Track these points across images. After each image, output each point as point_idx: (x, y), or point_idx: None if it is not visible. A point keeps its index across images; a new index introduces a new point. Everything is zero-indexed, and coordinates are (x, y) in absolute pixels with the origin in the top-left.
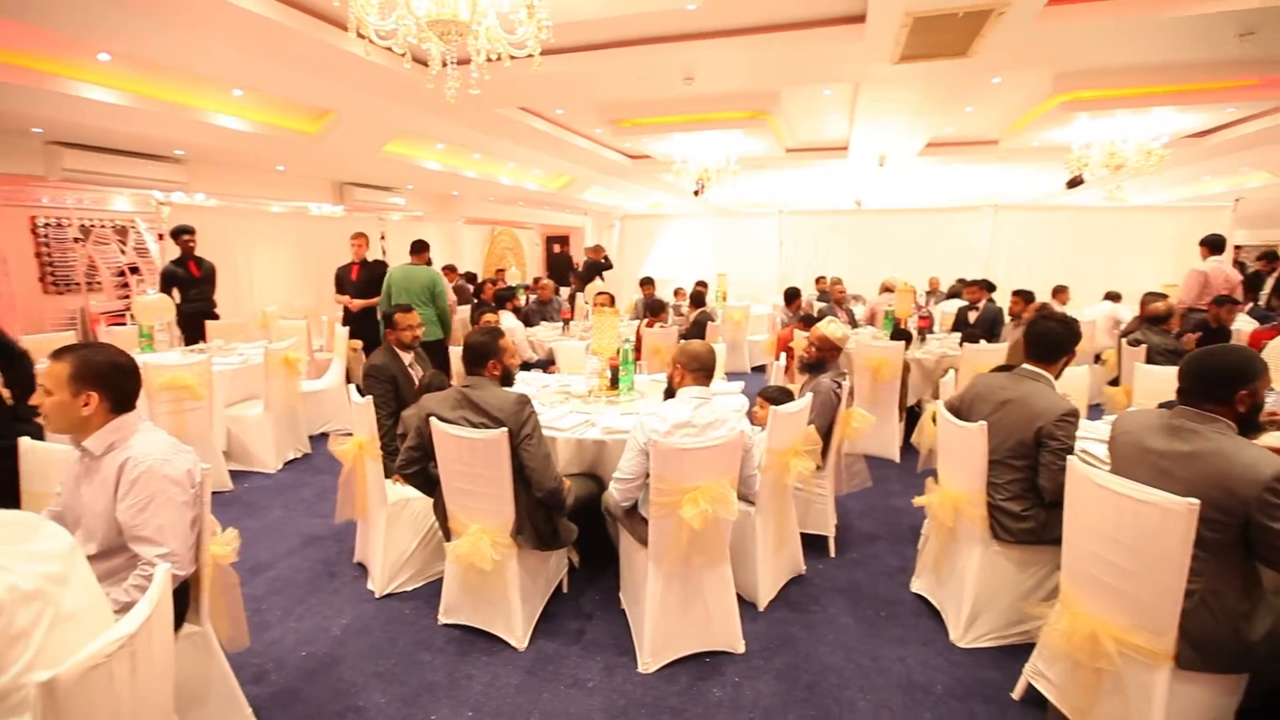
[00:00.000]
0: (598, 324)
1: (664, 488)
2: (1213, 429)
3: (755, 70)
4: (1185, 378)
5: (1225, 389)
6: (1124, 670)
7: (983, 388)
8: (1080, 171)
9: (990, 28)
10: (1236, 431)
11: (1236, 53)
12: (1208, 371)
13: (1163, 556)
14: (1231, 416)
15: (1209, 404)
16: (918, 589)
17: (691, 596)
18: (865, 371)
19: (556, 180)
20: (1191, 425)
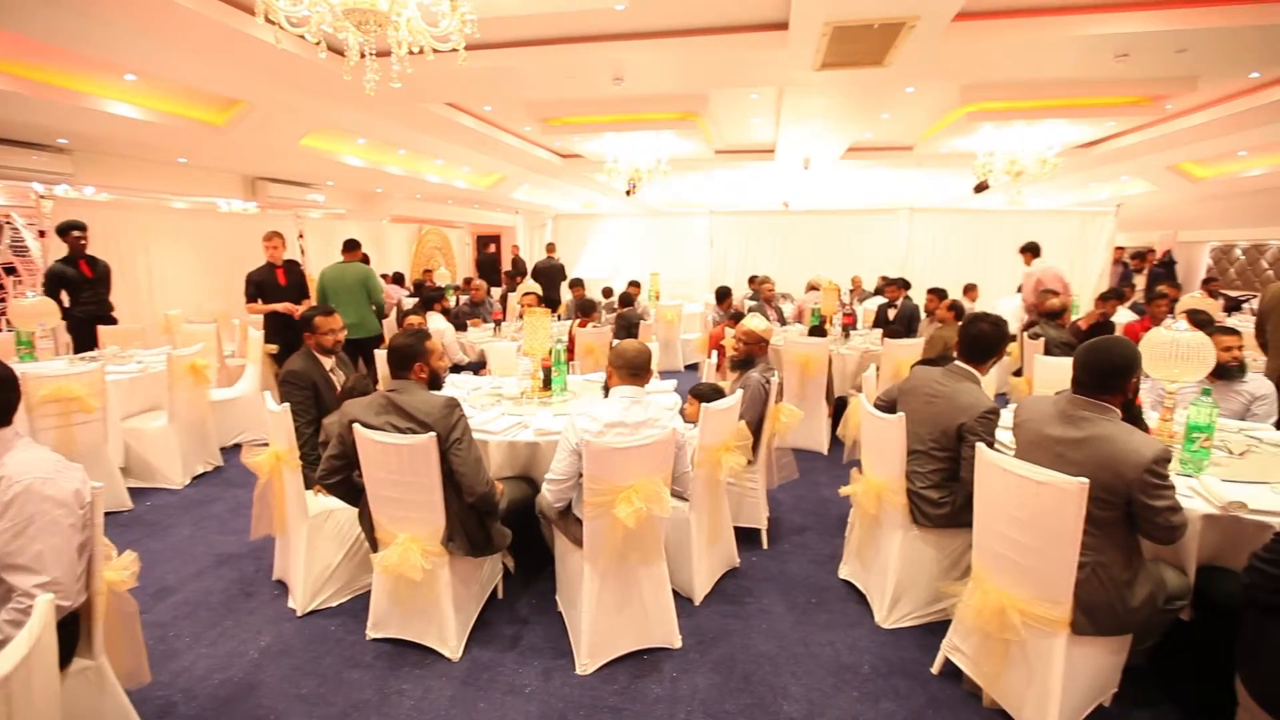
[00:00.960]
0: (529, 325)
1: (597, 487)
2: (1102, 416)
3: (684, 72)
4: (1080, 369)
5: (1117, 380)
6: (1028, 639)
7: (917, 381)
8: (986, 177)
9: (903, 40)
10: (1122, 418)
11: (1114, 72)
12: (1101, 365)
13: (1059, 532)
14: (1120, 404)
15: (1101, 394)
16: (845, 575)
17: (628, 595)
18: (793, 367)
19: (486, 178)
20: (1084, 413)
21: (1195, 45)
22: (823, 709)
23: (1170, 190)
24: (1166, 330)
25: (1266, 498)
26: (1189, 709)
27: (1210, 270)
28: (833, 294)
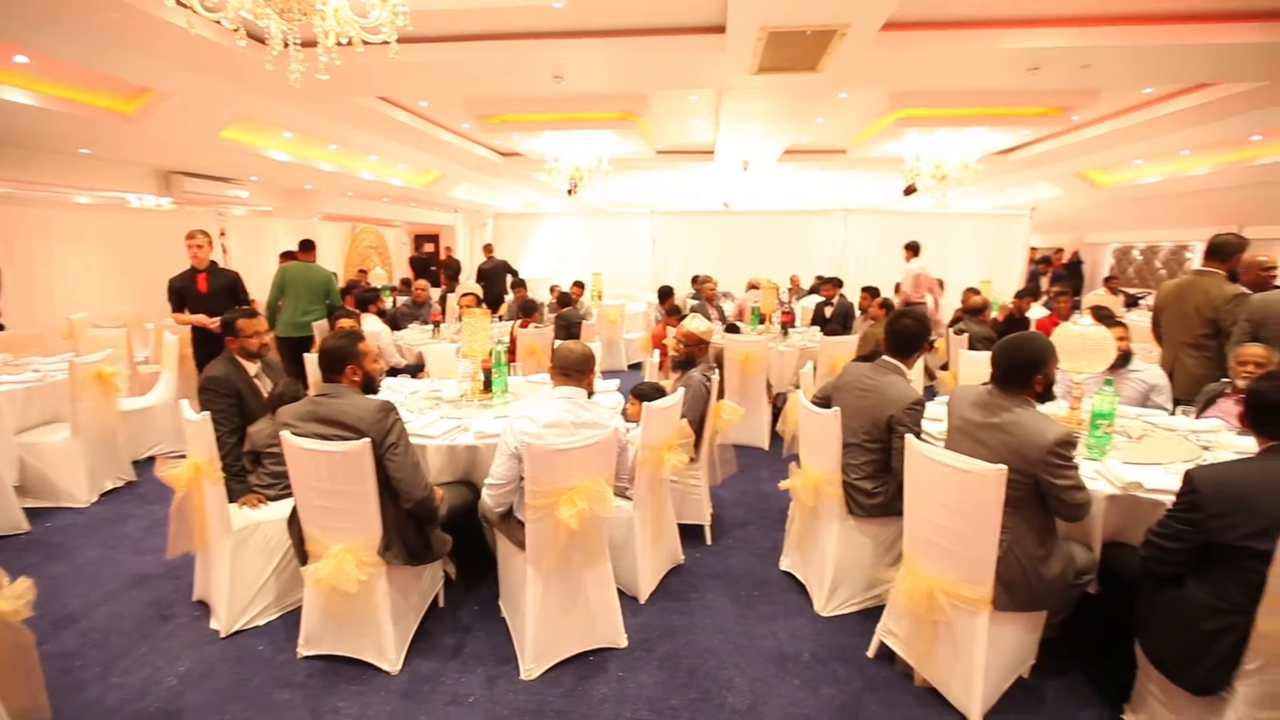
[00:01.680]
0: (468, 326)
1: (539, 489)
2: (1014, 403)
3: (623, 72)
4: (994, 365)
5: (1026, 375)
6: (954, 619)
7: (849, 376)
8: (914, 180)
9: (835, 47)
10: (1034, 406)
11: (1027, 83)
12: (1011, 362)
13: (981, 516)
14: (1031, 395)
15: (1014, 388)
16: (786, 567)
17: (572, 596)
18: (734, 365)
19: (423, 176)
20: (998, 401)
21: (1097, 61)
22: (765, 698)
23: (1077, 195)
24: (1074, 325)
25: (1160, 478)
26: (1097, 675)
27: (1112, 269)
28: (772, 293)
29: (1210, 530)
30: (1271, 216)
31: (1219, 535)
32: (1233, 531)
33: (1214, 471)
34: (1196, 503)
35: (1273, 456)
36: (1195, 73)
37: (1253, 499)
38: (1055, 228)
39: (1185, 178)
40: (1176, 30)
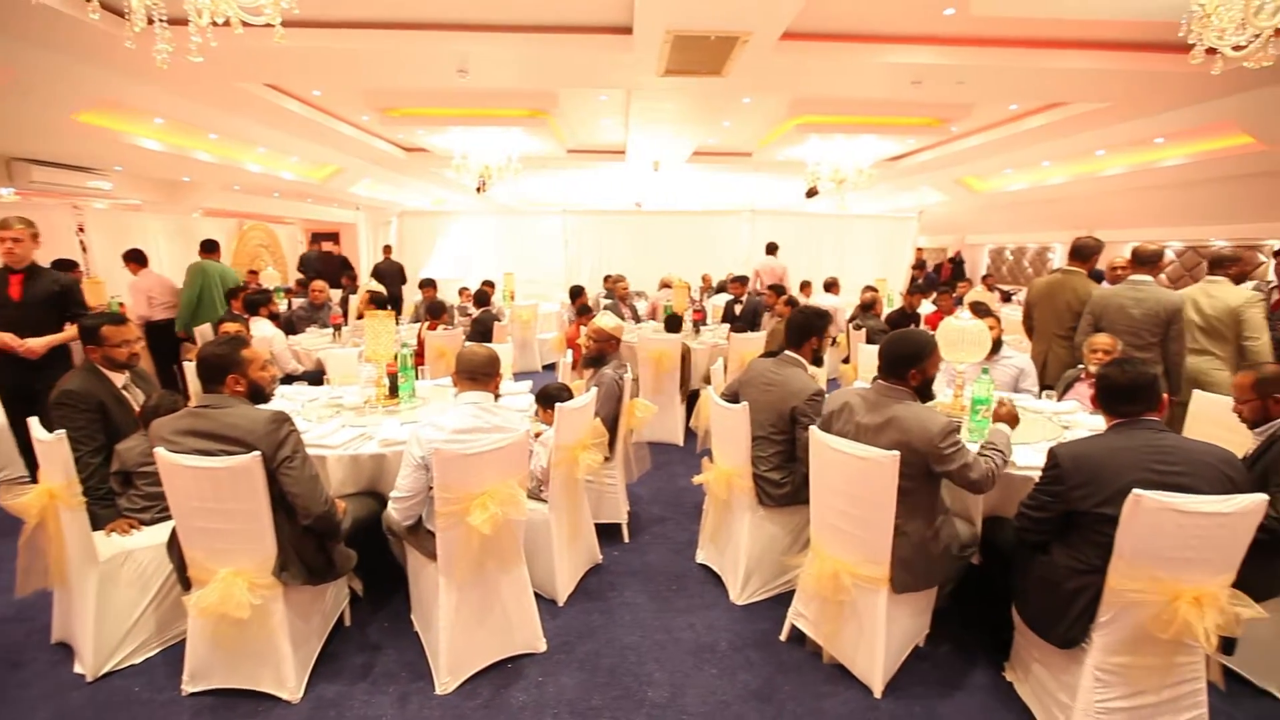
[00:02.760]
0: (370, 329)
1: (449, 496)
2: (897, 400)
3: (531, 69)
4: (880, 358)
5: (905, 367)
6: (857, 598)
7: (754, 372)
8: (815, 183)
9: (738, 53)
10: (916, 399)
11: (911, 96)
12: (892, 354)
13: (877, 501)
14: (911, 388)
15: (895, 379)
16: (702, 559)
17: (488, 604)
18: (648, 363)
19: (319, 170)
20: (884, 398)
21: (970, 78)
22: (684, 690)
23: (958, 200)
24: (955, 320)
25: (1030, 456)
26: (983, 639)
27: (989, 268)
28: (683, 291)
29: (1070, 500)
30: (1116, 221)
31: (1077, 504)
32: (1088, 500)
33: (1072, 447)
34: (1059, 476)
35: (1118, 432)
36: (1052, 92)
37: (1103, 470)
38: (941, 229)
39: (1046, 186)
40: (1036, 54)
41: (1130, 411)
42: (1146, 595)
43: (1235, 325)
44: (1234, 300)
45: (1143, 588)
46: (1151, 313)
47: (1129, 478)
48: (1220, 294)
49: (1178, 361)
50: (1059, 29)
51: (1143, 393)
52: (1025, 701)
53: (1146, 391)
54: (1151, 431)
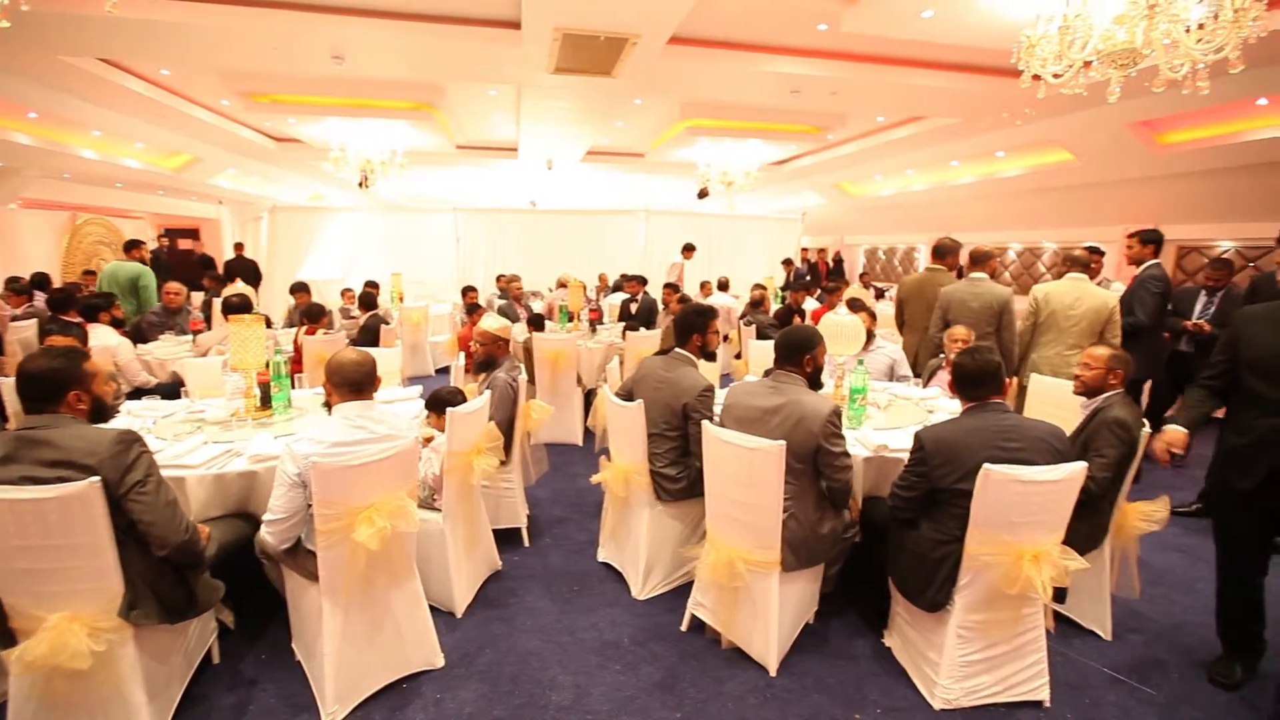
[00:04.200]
0: (236, 335)
1: (331, 512)
2: (792, 384)
3: (415, 60)
4: (776, 349)
5: (799, 355)
6: (751, 583)
7: (646, 370)
8: (706, 185)
9: (628, 54)
10: (808, 386)
11: (791, 104)
12: (787, 344)
13: (767, 488)
14: (804, 375)
15: (790, 367)
16: (603, 558)
17: (378, 623)
18: (544, 363)
19: (171, 159)
20: (779, 385)
21: (842, 90)
22: (589, 690)
23: (836, 203)
24: (834, 315)
25: (901, 439)
26: (866, 611)
27: (865, 267)
28: (578, 290)
29: (934, 478)
30: (969, 225)
31: (939, 481)
32: (948, 478)
33: (933, 431)
34: (923, 458)
35: (971, 415)
36: (912, 107)
37: (960, 450)
38: (822, 230)
39: (910, 192)
40: (899, 71)
41: (980, 395)
42: (997, 557)
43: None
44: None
45: (994, 551)
46: (987, 305)
47: (980, 456)
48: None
49: (1010, 348)
50: (917, 50)
51: (989, 378)
52: (901, 663)
53: (992, 377)
54: (998, 413)
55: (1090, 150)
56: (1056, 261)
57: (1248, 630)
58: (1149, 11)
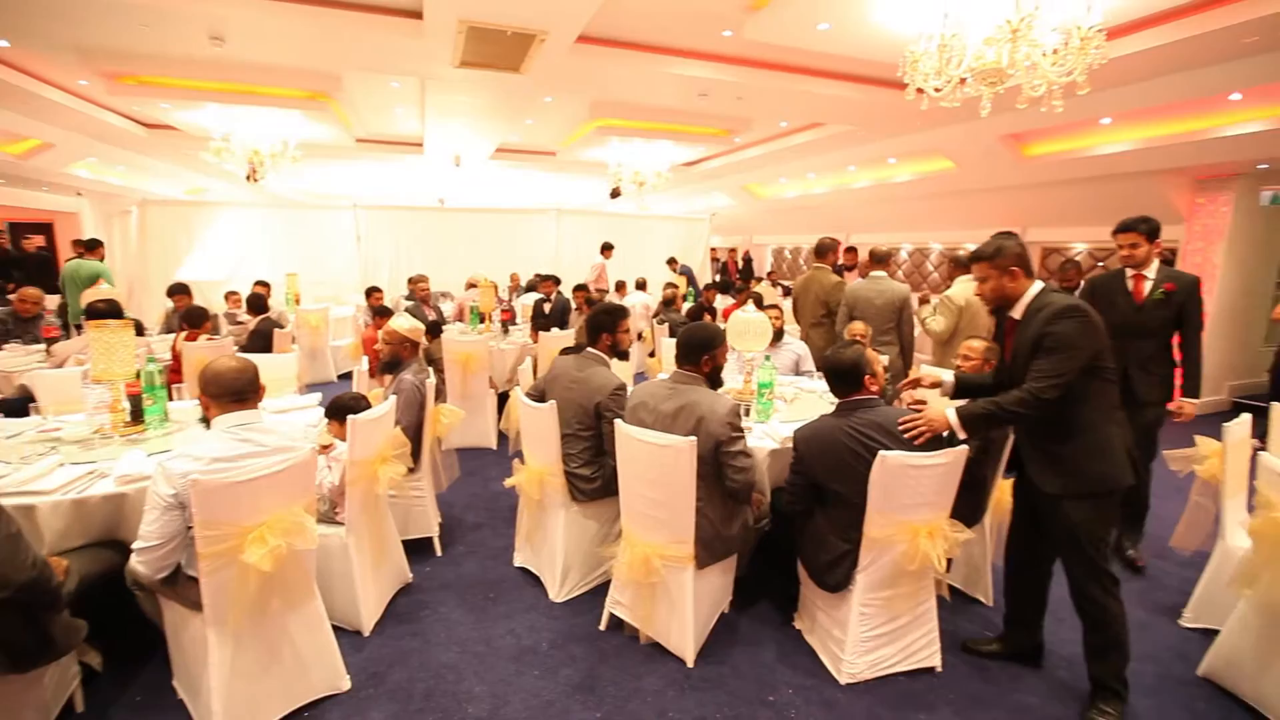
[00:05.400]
0: (98, 343)
1: (215, 534)
2: (691, 384)
3: (307, 46)
4: (677, 348)
5: (697, 354)
6: (666, 578)
7: (558, 370)
8: (618, 185)
9: (536, 51)
10: (708, 385)
11: (699, 107)
12: (688, 344)
13: (679, 484)
14: (704, 374)
15: (689, 366)
16: (520, 562)
17: (274, 650)
18: (455, 366)
19: (15, 144)
20: (679, 386)
21: (747, 95)
22: (507, 698)
23: (744, 204)
24: (742, 313)
25: None
26: (778, 596)
27: (773, 265)
28: (490, 291)
29: (810, 475)
30: (866, 227)
31: (817, 478)
32: (819, 475)
33: (804, 430)
34: (799, 456)
35: (839, 413)
36: (812, 113)
37: (829, 447)
38: (731, 230)
39: (812, 195)
40: (799, 79)
41: (845, 391)
42: (896, 537)
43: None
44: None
45: (892, 532)
46: (889, 302)
47: (842, 454)
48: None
49: (909, 341)
50: (816, 60)
51: (846, 375)
52: (811, 644)
53: (849, 374)
54: (863, 409)
55: (968, 160)
56: (943, 261)
57: None
58: (1013, 36)
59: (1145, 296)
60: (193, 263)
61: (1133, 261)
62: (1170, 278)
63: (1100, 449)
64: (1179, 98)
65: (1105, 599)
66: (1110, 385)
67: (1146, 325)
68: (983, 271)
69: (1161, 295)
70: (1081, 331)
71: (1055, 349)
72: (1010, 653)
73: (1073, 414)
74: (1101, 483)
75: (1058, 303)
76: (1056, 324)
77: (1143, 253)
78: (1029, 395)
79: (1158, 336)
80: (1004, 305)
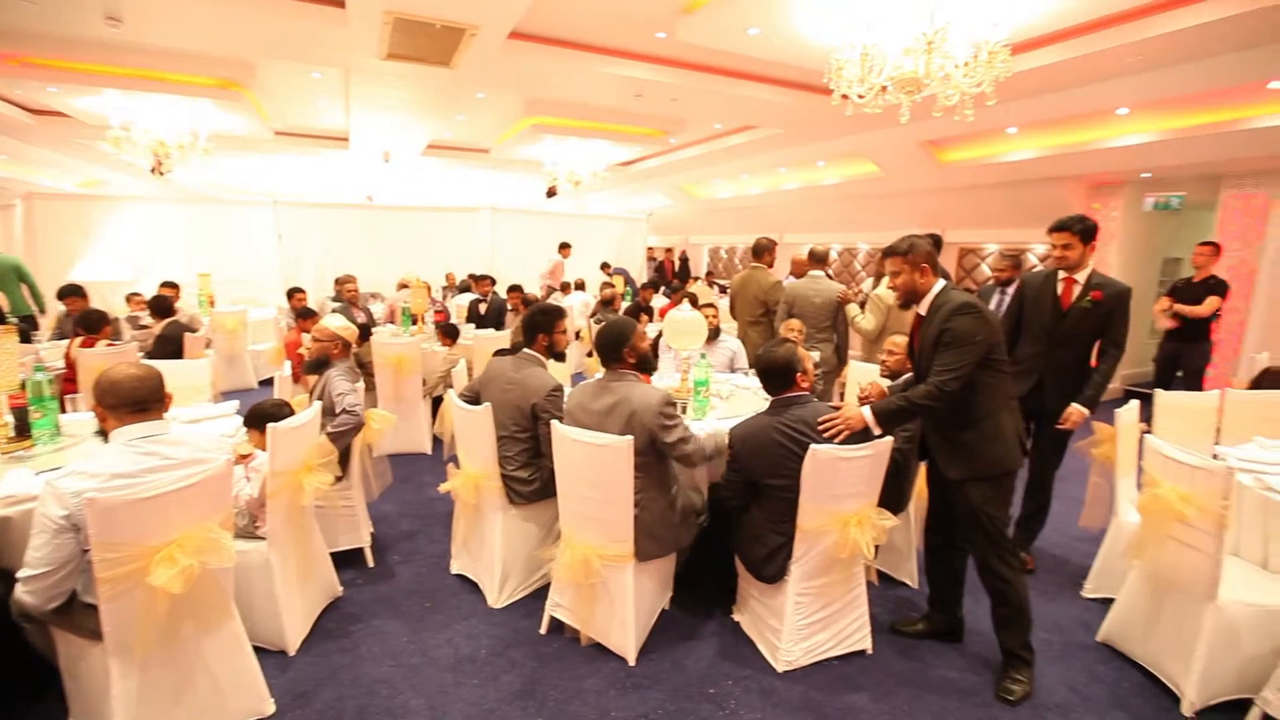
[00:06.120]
0: None
1: (116, 556)
2: (620, 381)
3: (216, 32)
4: (598, 350)
5: (618, 350)
6: (608, 577)
7: (493, 372)
8: (554, 183)
9: (467, 45)
10: (638, 376)
11: (635, 107)
12: (605, 343)
13: (618, 483)
14: (629, 367)
15: (615, 364)
16: (457, 569)
17: (187, 678)
18: (386, 369)
19: None
20: (610, 384)
21: (681, 96)
22: (445, 710)
23: (681, 204)
24: (677, 312)
25: None
26: (717, 590)
27: (709, 265)
28: (422, 291)
29: (746, 471)
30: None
31: (752, 474)
32: (754, 471)
33: (739, 428)
34: (734, 454)
35: (770, 409)
36: (745, 116)
37: (764, 445)
38: (669, 230)
39: (746, 195)
40: (732, 82)
41: (778, 388)
42: (828, 527)
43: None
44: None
45: (824, 523)
46: (827, 300)
47: (775, 450)
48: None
49: (845, 338)
50: (747, 64)
51: (779, 373)
52: (749, 635)
53: (781, 372)
54: (795, 405)
55: (891, 164)
56: (870, 260)
57: None
58: (928, 48)
59: (1071, 303)
60: (89, 262)
61: (1066, 264)
62: (1099, 285)
63: (995, 435)
64: (1074, 110)
65: (1007, 571)
66: (1004, 376)
67: (1068, 334)
68: (896, 266)
69: (1088, 304)
70: (976, 327)
71: (953, 344)
72: (934, 631)
73: (970, 403)
74: (997, 465)
75: (954, 300)
76: (953, 320)
77: (1076, 254)
78: (934, 389)
79: (1077, 347)
80: (913, 300)
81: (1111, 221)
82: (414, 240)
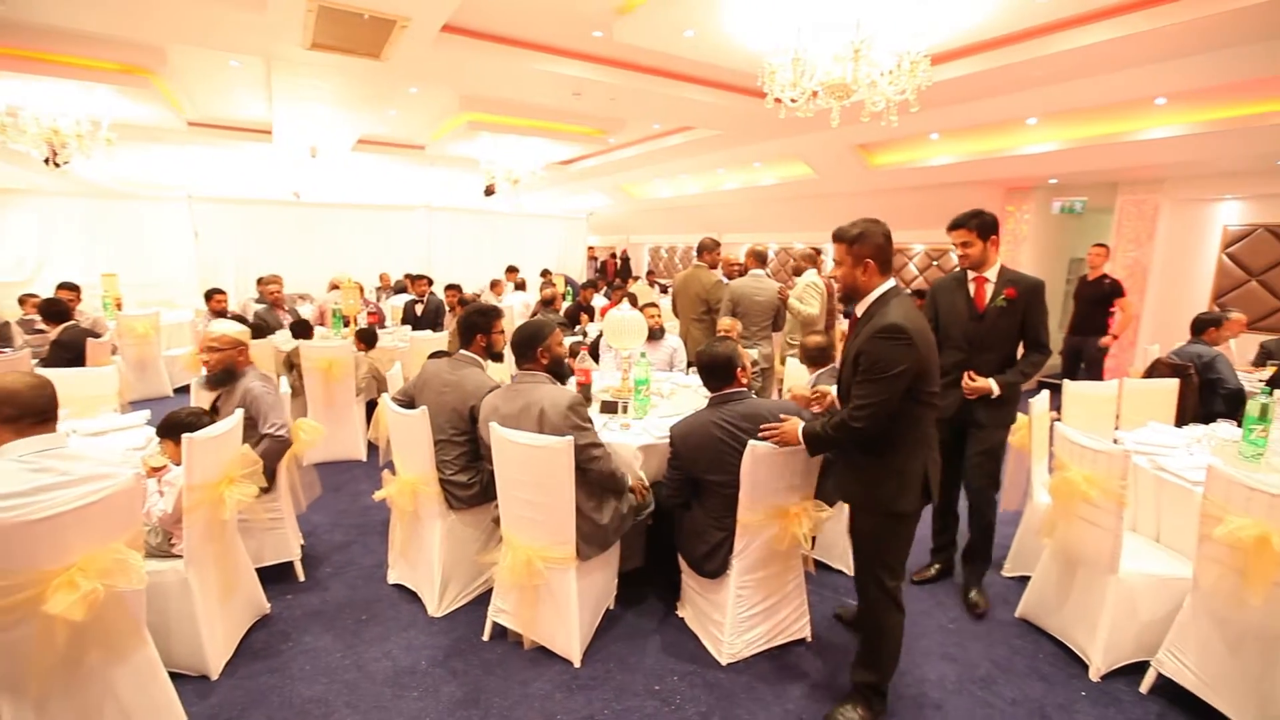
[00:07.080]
0: None
1: (7, 584)
2: (532, 382)
3: (117, 13)
4: (512, 349)
5: (531, 350)
6: (551, 580)
7: (429, 375)
8: (492, 182)
9: (397, 38)
10: (550, 379)
11: (573, 105)
12: (519, 343)
13: (557, 484)
14: (543, 367)
15: (527, 363)
16: (395, 579)
17: (93, 712)
18: (315, 373)
19: None
20: (520, 386)
21: (619, 96)
22: None
23: (621, 204)
24: (617, 312)
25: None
26: (661, 587)
27: (650, 264)
28: (354, 292)
29: (686, 469)
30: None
31: (693, 471)
32: (695, 468)
33: (679, 426)
34: (675, 452)
35: (711, 407)
36: (682, 117)
37: (704, 442)
38: (610, 230)
39: (685, 195)
40: (669, 83)
41: (718, 385)
42: (767, 521)
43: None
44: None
45: (764, 517)
46: (770, 299)
47: (715, 446)
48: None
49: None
50: (683, 65)
51: (719, 370)
52: (693, 629)
53: (722, 369)
54: (734, 401)
55: (824, 166)
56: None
57: None
58: (855, 55)
59: (987, 304)
60: None
61: (969, 262)
62: (1012, 281)
63: (896, 471)
64: (990, 119)
65: (878, 608)
66: (926, 410)
67: (988, 337)
68: (840, 254)
69: (1004, 303)
70: (897, 356)
71: (868, 373)
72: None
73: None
74: (888, 504)
75: (885, 317)
76: (872, 344)
77: (977, 251)
78: (842, 422)
79: (1000, 350)
80: (853, 297)
81: (1024, 224)
82: (345, 239)
